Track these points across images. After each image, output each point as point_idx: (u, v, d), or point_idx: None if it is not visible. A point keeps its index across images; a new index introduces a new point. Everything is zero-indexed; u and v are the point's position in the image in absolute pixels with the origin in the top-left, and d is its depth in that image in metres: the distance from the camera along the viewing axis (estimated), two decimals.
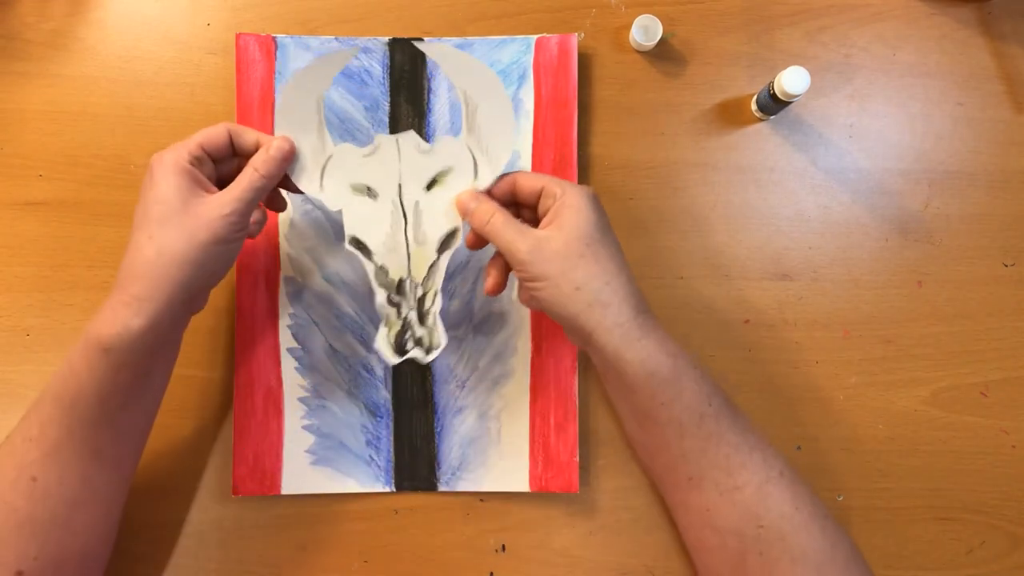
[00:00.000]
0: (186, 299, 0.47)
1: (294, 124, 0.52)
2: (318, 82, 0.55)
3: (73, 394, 0.45)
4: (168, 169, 0.46)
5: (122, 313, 0.44)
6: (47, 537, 0.45)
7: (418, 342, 0.54)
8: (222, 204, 0.46)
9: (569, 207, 0.48)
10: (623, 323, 0.46)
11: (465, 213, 0.51)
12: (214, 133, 0.49)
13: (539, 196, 0.50)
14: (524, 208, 0.52)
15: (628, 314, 0.47)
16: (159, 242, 0.45)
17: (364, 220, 0.53)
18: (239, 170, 0.49)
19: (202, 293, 0.51)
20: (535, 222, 0.50)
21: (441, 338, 0.54)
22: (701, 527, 0.49)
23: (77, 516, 0.47)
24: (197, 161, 0.48)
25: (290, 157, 0.50)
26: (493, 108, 0.54)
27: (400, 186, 0.53)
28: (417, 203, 0.53)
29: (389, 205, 0.53)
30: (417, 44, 0.58)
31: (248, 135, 0.50)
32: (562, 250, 0.47)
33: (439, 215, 0.53)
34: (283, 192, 0.55)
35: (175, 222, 0.45)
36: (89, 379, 0.45)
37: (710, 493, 0.48)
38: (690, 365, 0.47)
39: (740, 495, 0.46)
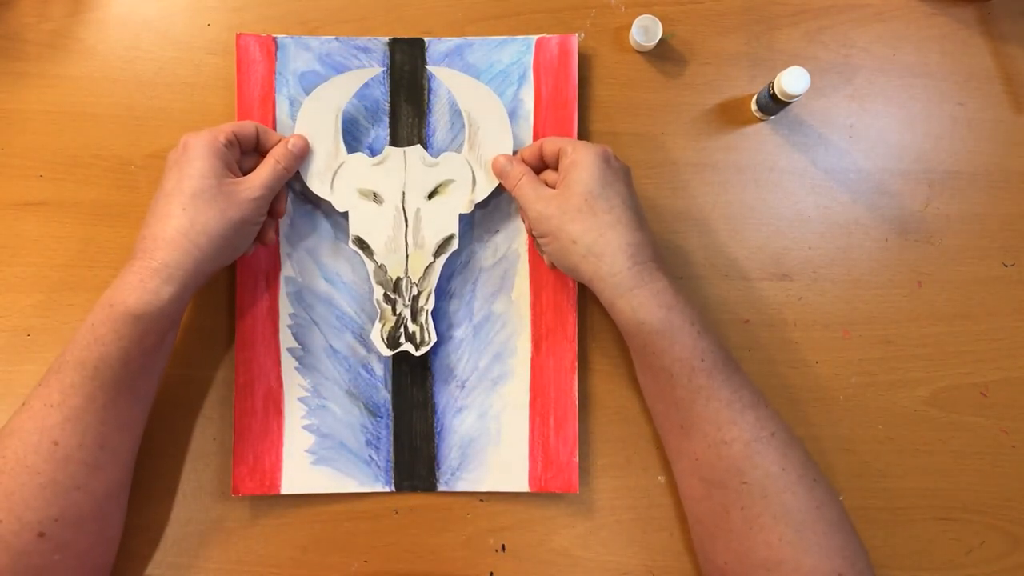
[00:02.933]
0: (208, 272, 0.50)
1: (313, 132, 0.57)
2: (339, 96, 0.58)
3: (96, 360, 0.47)
4: (206, 148, 0.50)
5: (152, 281, 0.47)
6: (68, 499, 0.47)
7: (410, 338, 0.56)
8: (252, 188, 0.51)
9: (574, 164, 0.51)
10: (616, 273, 0.49)
11: (500, 175, 0.56)
12: (245, 126, 0.54)
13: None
14: (553, 170, 0.55)
15: (622, 264, 0.49)
16: (192, 214, 0.49)
17: (368, 222, 0.56)
18: (254, 167, 0.54)
19: (216, 270, 0.53)
20: None
21: (431, 335, 0.56)
22: (690, 475, 0.51)
23: (95, 478, 0.48)
24: (229, 145, 0.52)
25: (305, 152, 0.56)
26: (493, 128, 0.58)
27: (404, 193, 0.57)
28: (418, 210, 0.56)
29: (392, 210, 0.56)
30: (426, 68, 0.60)
31: (273, 134, 0.56)
32: (563, 206, 0.50)
33: (438, 221, 0.56)
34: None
35: (209, 197, 0.49)
36: (115, 346, 0.47)
37: (699, 443, 0.49)
38: (687, 320, 0.48)
39: (727, 449, 0.47)
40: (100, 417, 0.47)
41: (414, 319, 0.56)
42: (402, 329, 0.56)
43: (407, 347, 0.56)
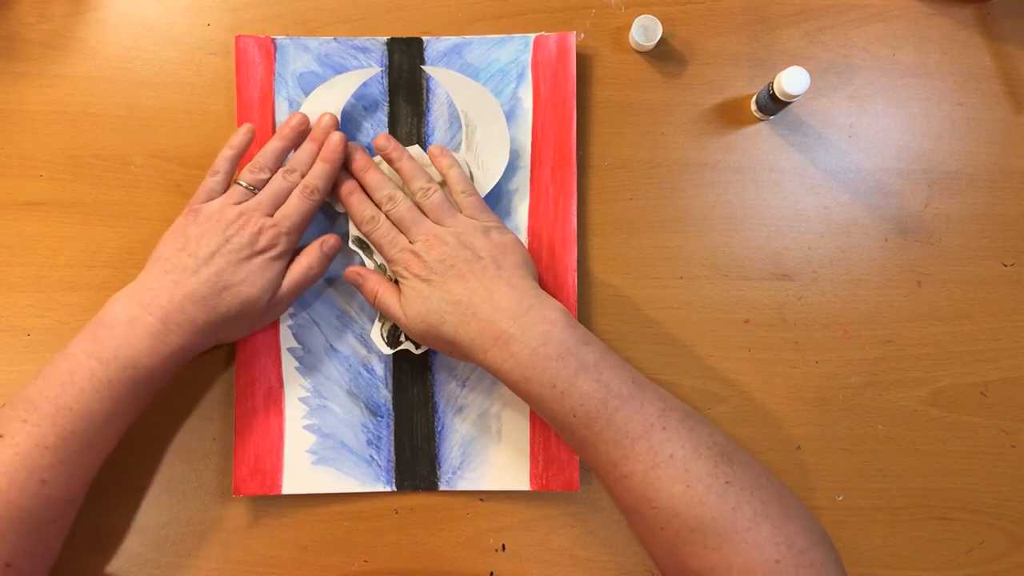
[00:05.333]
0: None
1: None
2: (337, 97, 0.58)
3: (102, 414, 0.47)
4: (272, 280, 0.52)
5: (165, 347, 0.49)
6: (41, 533, 0.47)
7: (409, 336, 0.55)
8: (282, 303, 0.54)
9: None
10: (487, 350, 0.50)
11: (355, 284, 0.56)
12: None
13: None
14: None
15: (477, 358, 0.50)
16: (224, 322, 0.51)
17: None
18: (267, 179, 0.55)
19: None
20: None
21: None
22: (615, 501, 0.51)
23: (70, 512, 0.48)
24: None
25: (338, 250, 0.56)
26: (490, 128, 0.58)
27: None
28: None
29: None
30: (422, 68, 0.60)
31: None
32: (413, 330, 0.53)
33: None
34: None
35: (247, 319, 0.52)
36: (119, 402, 0.48)
37: (603, 479, 0.49)
38: (545, 386, 0.48)
39: (628, 482, 0.47)
40: (92, 460, 0.48)
41: None
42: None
43: (408, 345, 0.56)
